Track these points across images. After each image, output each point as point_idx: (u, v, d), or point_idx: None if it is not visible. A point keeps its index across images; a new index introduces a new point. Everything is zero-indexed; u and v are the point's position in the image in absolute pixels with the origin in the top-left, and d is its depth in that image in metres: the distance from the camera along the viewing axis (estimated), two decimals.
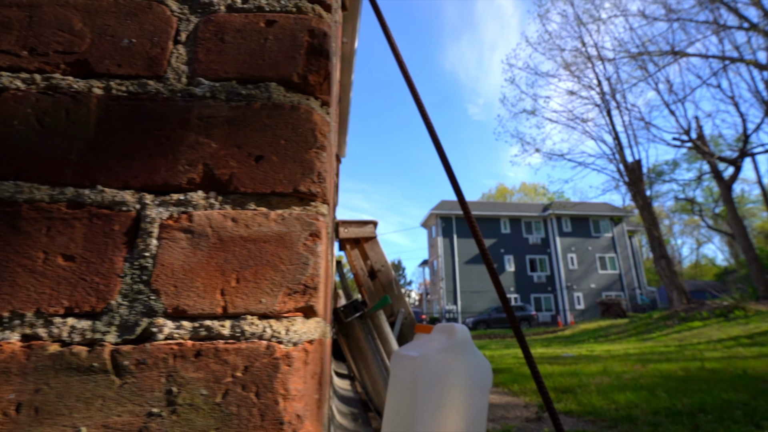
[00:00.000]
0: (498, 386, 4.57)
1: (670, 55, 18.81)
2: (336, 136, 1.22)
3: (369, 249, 3.44)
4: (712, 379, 4.07)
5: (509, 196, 51.13)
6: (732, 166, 18.03)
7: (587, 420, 2.78)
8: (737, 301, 13.75)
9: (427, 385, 1.22)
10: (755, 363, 5.30)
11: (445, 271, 28.28)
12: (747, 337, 10.05)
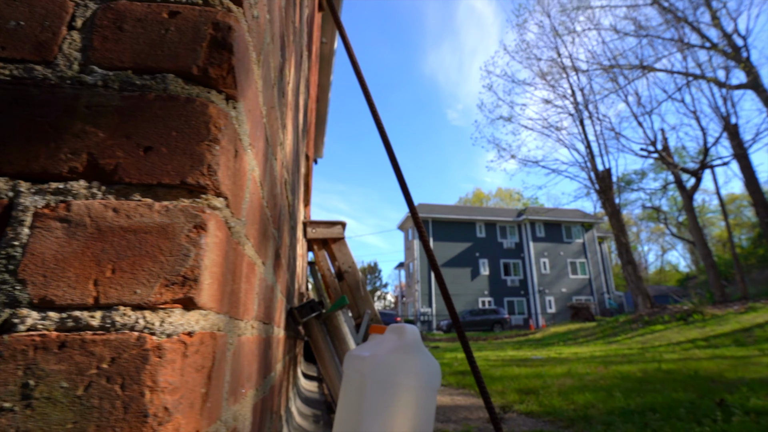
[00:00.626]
0: (465, 388, 4.63)
1: (638, 69, 19.59)
2: (295, 131, 1.19)
3: (337, 250, 3.43)
4: (667, 380, 4.24)
5: (485, 200, 51.98)
6: (693, 177, 18.91)
7: (546, 420, 2.85)
8: (696, 305, 14.37)
9: (375, 385, 1.22)
10: (707, 364, 5.56)
11: (421, 273, 28.47)
12: (703, 340, 10.52)
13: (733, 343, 9.57)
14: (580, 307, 21.71)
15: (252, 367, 0.64)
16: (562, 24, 20.94)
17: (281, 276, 1.19)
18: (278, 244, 1.04)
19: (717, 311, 13.63)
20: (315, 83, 6.91)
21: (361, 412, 1.19)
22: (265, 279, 0.78)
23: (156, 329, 0.31)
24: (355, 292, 3.30)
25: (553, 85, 20.77)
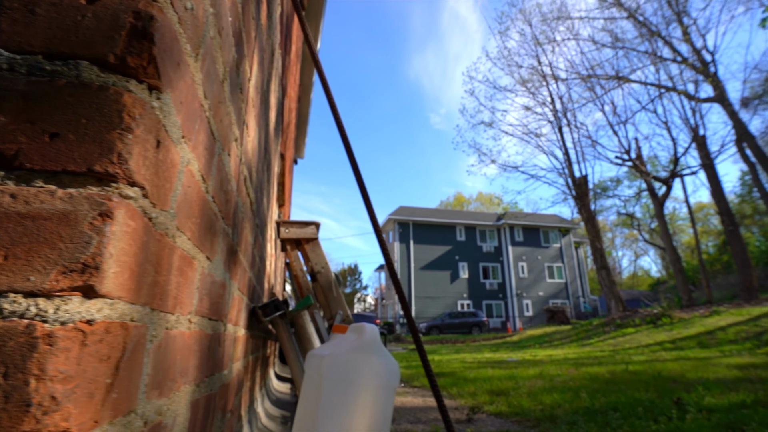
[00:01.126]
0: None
1: (614, 79, 20.21)
2: (262, 129, 1.17)
3: (310, 250, 3.41)
4: (632, 381, 4.37)
5: (466, 204, 52.56)
6: (664, 186, 19.60)
7: (514, 420, 2.89)
8: (664, 309, 14.86)
9: (331, 383, 1.22)
10: (672, 365, 5.76)
11: (401, 276, 28.54)
12: (670, 342, 10.90)
13: (697, 345, 9.95)
14: (555, 310, 22.15)
15: (189, 362, 0.63)
16: (542, 33, 21.43)
17: (239, 273, 1.18)
18: (233, 241, 1.03)
19: (684, 315, 14.13)
20: (295, 83, 6.86)
21: (317, 411, 1.19)
22: (212, 275, 0.77)
23: (49, 317, 0.31)
24: (328, 293, 3.29)
25: (534, 92, 21.21)
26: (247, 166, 1.26)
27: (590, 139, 20.35)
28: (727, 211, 18.08)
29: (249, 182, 1.30)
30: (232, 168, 0.94)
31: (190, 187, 0.57)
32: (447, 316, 25.38)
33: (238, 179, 1.06)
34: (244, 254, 1.33)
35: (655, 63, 19.90)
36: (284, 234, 3.42)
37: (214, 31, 0.65)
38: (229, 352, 1.06)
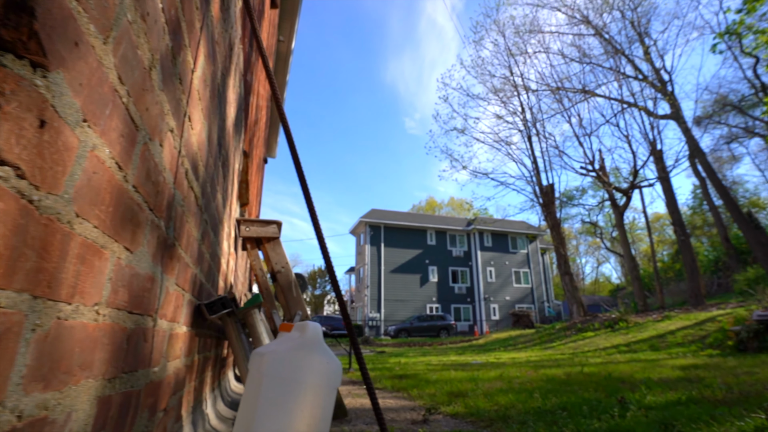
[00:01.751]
0: (399, 391, 4.67)
1: (581, 93, 21.03)
2: (216, 124, 1.12)
3: (270, 249, 3.36)
4: (585, 382, 4.54)
5: (438, 209, 53.21)
6: (624, 196, 20.53)
7: (468, 421, 2.94)
8: (622, 314, 15.54)
9: (271, 382, 1.21)
10: (623, 367, 6.02)
11: (371, 279, 28.53)
12: (625, 345, 11.38)
13: (649, 348, 10.45)
14: (521, 314, 22.72)
15: (94, 355, 0.60)
16: (515, 45, 22.05)
17: (177, 268, 1.14)
18: (168, 235, 1.00)
19: (639, 319, 14.80)
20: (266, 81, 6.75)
21: (256, 409, 1.17)
22: (133, 267, 0.75)
23: None
24: (288, 293, 3.25)
25: (505, 101, 21.76)
26: (191, 159, 1.23)
27: (557, 149, 21.09)
28: (680, 222, 19.14)
29: (193, 176, 1.26)
30: (166, 159, 0.92)
31: (96, 174, 0.55)
32: (416, 319, 25.56)
33: (176, 171, 1.03)
34: (187, 249, 1.29)
35: (618, 79, 20.88)
36: (244, 232, 3.36)
37: (134, 15, 0.63)
38: (160, 348, 1.02)
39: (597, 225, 40.03)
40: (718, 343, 8.92)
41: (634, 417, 2.39)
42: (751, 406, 2.27)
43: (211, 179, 1.70)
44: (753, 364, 5.29)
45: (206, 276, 1.83)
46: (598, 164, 21.05)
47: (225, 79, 1.96)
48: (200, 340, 1.80)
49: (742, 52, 20.14)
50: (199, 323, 1.65)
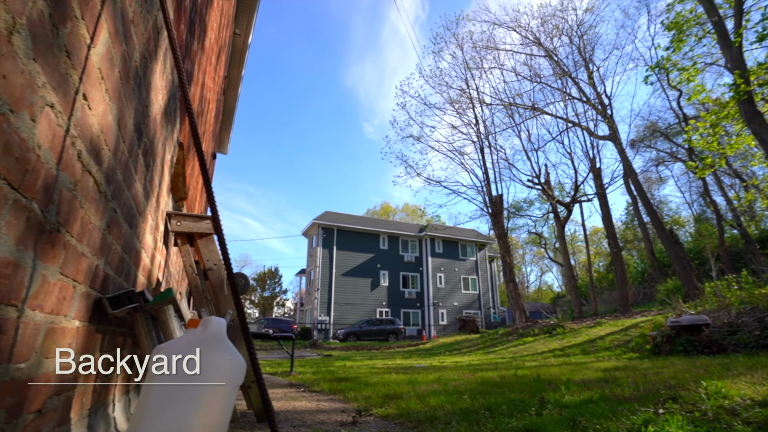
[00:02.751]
0: (336, 394, 4.64)
1: (531, 110, 22.17)
2: (131, 108, 1.04)
3: (203, 246, 3.22)
4: (516, 383, 4.74)
5: (392, 214, 53.76)
6: (566, 209, 21.83)
7: (397, 422, 2.97)
8: (559, 320, 16.46)
9: (162, 380, 1.15)
10: (554, 370, 6.36)
11: (322, 281, 28.20)
12: (560, 350, 12.05)
13: (580, 352, 11.13)
14: (467, 320, 23.40)
15: None
16: (472, 59, 22.87)
17: (63, 257, 1.06)
18: (46, 218, 0.92)
19: (574, 326, 15.73)
20: (218, 75, 6.51)
21: (144, 409, 1.11)
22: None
23: None
24: (219, 292, 3.12)
25: (461, 113, 22.47)
26: (89, 141, 1.15)
27: (507, 162, 22.08)
28: (613, 236, 20.64)
29: (91, 159, 1.18)
30: (43, 136, 0.85)
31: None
32: (365, 323, 25.56)
33: (62, 151, 0.96)
34: (82, 238, 1.21)
35: (564, 100, 22.26)
36: (175, 227, 3.19)
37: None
38: (30, 343, 0.94)
39: (542, 236, 42.22)
40: (639, 347, 9.67)
41: (549, 415, 2.53)
42: (648, 402, 2.49)
43: (124, 166, 1.61)
44: (662, 366, 5.78)
45: (116, 269, 1.71)
46: (543, 178, 22.25)
47: (148, 64, 1.86)
48: (105, 337, 1.68)
49: (669, 85, 22.22)
50: (102, 318, 1.54)
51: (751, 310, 7.98)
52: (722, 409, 1.98)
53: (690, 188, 35.57)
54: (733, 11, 12.17)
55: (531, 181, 22.39)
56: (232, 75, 9.87)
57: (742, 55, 11.93)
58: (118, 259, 1.74)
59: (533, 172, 22.23)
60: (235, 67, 9.57)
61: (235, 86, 10.25)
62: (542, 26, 22.51)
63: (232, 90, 10.33)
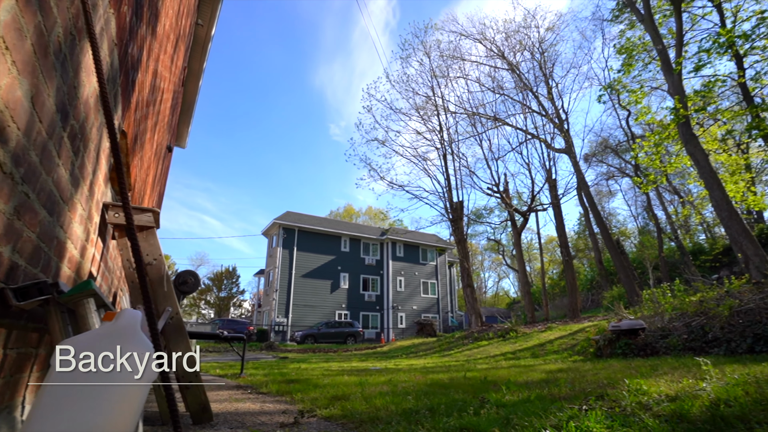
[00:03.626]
0: (283, 395, 4.54)
1: (493, 120, 22.89)
2: (52, 90, 0.98)
3: (143, 239, 3.07)
4: (464, 384, 4.84)
5: (355, 217, 53.65)
6: (523, 218, 22.67)
7: (339, 423, 2.95)
8: (513, 325, 17.02)
9: (60, 376, 1.08)
10: (503, 372, 6.56)
11: (281, 282, 27.64)
12: (512, 353, 12.43)
13: (530, 355, 11.54)
14: (425, 323, 23.70)
15: None
16: (439, 67, 23.33)
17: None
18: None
19: (527, 330, 16.31)
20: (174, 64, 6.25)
21: (38, 405, 1.04)
22: None
23: None
24: (157, 288, 2.97)
25: (425, 119, 22.83)
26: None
27: (469, 170, 22.65)
28: (565, 245, 21.65)
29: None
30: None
31: None
32: (324, 326, 25.28)
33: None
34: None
35: (525, 112, 23.16)
36: (112, 218, 3.01)
37: None
38: None
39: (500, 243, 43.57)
40: (583, 350, 10.16)
41: (487, 414, 2.60)
42: (579, 400, 2.62)
43: (40, 148, 1.50)
44: (602, 367, 6.10)
45: (30, 258, 1.59)
46: (503, 187, 23.00)
47: (77, 42, 1.76)
48: (11, 333, 1.56)
49: (620, 105, 23.69)
50: (4, 311, 1.43)
51: (681, 316, 8.59)
52: (639, 405, 2.12)
53: (636, 202, 38.03)
54: (675, 41, 13.17)
55: (491, 189, 23.10)
56: (193, 67, 9.50)
57: (682, 82, 12.92)
58: (32, 248, 1.62)
59: (493, 180, 22.96)
60: (197, 59, 9.23)
61: (196, 78, 9.87)
62: (506, 41, 23.37)
63: (193, 82, 9.94)
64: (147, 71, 4.01)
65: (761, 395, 1.94)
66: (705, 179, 11.65)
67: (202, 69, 9.80)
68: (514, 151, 23.95)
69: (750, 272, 9.97)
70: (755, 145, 21.79)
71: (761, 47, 13.84)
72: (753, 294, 7.54)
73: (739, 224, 10.69)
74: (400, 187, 21.14)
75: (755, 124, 11.89)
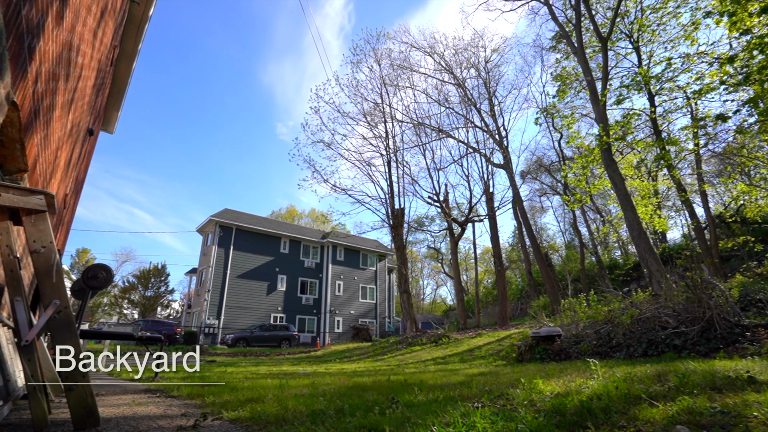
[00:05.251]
0: (194, 398, 4.31)
1: (437, 132, 23.61)
2: None
3: (30, 224, 2.77)
4: (384, 387, 4.88)
5: (298, 218, 52.57)
6: (460, 228, 23.54)
7: (243, 425, 2.84)
8: (445, 331, 17.54)
9: None
10: (427, 375, 6.70)
11: (214, 282, 26.28)
12: (441, 358, 12.78)
13: (459, 360, 11.94)
14: (361, 328, 23.71)
15: None
16: (389, 75, 23.67)
17: None
18: None
19: (458, 336, 16.87)
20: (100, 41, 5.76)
21: None
22: None
23: None
24: (45, 279, 2.68)
25: (372, 125, 23.00)
26: None
27: (412, 178, 23.13)
28: (499, 255, 22.79)
29: None
30: None
31: None
32: (258, 329, 24.38)
33: None
34: None
35: (467, 126, 24.17)
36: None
37: None
38: None
39: (440, 251, 44.94)
40: (507, 356, 10.70)
41: (392, 413, 2.64)
42: (485, 399, 2.74)
43: None
44: (519, 371, 6.46)
45: None
46: (443, 196, 23.75)
47: None
48: None
49: (554, 128, 25.56)
50: None
51: (593, 324, 9.35)
52: (528, 402, 2.27)
53: (564, 219, 41.05)
54: (602, 75, 14.48)
55: (431, 198, 23.75)
56: (126, 47, 8.81)
57: (606, 112, 14.20)
58: None
59: (434, 190, 23.63)
60: (131, 39, 8.58)
61: (130, 60, 9.16)
62: (455, 56, 24.30)
63: (126, 63, 9.22)
64: (55, 41, 3.66)
65: (628, 390, 2.17)
66: (621, 201, 12.85)
67: (137, 51, 9.12)
68: (456, 163, 24.88)
69: (653, 286, 11.11)
70: (662, 174, 24.54)
71: (668, 89, 15.68)
72: (650, 304, 8.41)
73: (646, 243, 11.89)
74: (344, 191, 21.06)
75: (662, 155, 13.36)
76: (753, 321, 6.61)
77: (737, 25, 8.81)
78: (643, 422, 1.67)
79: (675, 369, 3.30)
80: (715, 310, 6.70)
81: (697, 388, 2.28)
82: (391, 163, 22.12)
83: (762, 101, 9.22)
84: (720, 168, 23.84)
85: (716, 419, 1.60)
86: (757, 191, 18.21)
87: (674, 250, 26.23)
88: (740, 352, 5.74)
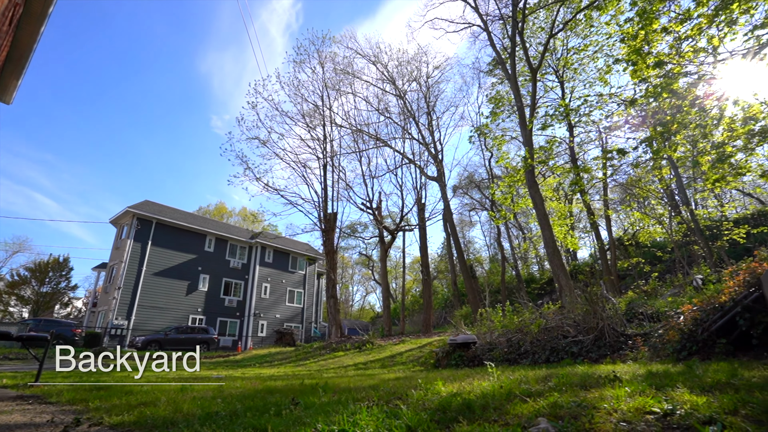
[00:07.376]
0: (76, 404, 3.89)
1: (375, 140, 23.93)
2: None
3: None
4: (293, 390, 4.78)
5: (227, 216, 50.03)
6: (391, 235, 23.97)
7: (126, 429, 2.62)
8: (370, 337, 17.66)
9: None
10: (343, 380, 6.67)
11: (126, 279, 24.02)
12: (363, 363, 12.80)
13: (380, 366, 12.04)
14: (285, 332, 23.05)
15: None
16: (331, 79, 23.58)
17: None
18: None
19: (382, 342, 17.05)
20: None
21: None
22: None
23: None
24: None
25: (311, 127, 22.71)
26: None
27: (346, 184, 23.14)
28: (426, 264, 23.53)
29: None
30: None
31: None
32: (173, 330, 22.64)
33: None
34: None
35: (404, 137, 24.81)
36: None
37: None
38: None
39: (371, 258, 45.26)
40: (426, 362, 11.01)
41: (288, 415, 2.59)
42: (381, 399, 2.80)
43: None
44: (433, 376, 6.67)
45: None
46: (376, 204, 24.06)
47: None
48: None
49: (486, 147, 27.14)
50: None
51: (506, 333, 9.97)
52: (420, 401, 2.37)
53: (490, 233, 43.56)
54: (530, 102, 15.70)
55: (365, 205, 23.96)
56: (33, 7, 7.83)
57: (532, 137, 15.37)
58: None
59: (368, 197, 23.87)
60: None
61: (37, 23, 8.14)
62: (398, 68, 24.88)
63: (32, 26, 8.18)
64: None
65: (511, 390, 2.36)
66: (540, 220, 13.93)
67: (47, 13, 8.15)
68: (391, 172, 25.39)
69: (562, 299, 12.15)
70: (576, 198, 27.10)
71: (584, 122, 17.44)
72: (556, 315, 9.18)
73: (559, 260, 12.99)
74: (276, 191, 20.48)
75: (576, 181, 14.75)
76: (635, 331, 7.49)
77: (638, 73, 10.06)
78: (512, 416, 1.83)
79: (560, 372, 3.64)
80: (606, 321, 7.50)
81: (569, 387, 2.54)
82: (327, 167, 21.98)
83: (655, 142, 10.58)
84: (622, 197, 26.93)
85: (572, 411, 1.80)
86: (648, 219, 20.85)
87: (582, 267, 28.99)
88: (622, 357, 6.47)
